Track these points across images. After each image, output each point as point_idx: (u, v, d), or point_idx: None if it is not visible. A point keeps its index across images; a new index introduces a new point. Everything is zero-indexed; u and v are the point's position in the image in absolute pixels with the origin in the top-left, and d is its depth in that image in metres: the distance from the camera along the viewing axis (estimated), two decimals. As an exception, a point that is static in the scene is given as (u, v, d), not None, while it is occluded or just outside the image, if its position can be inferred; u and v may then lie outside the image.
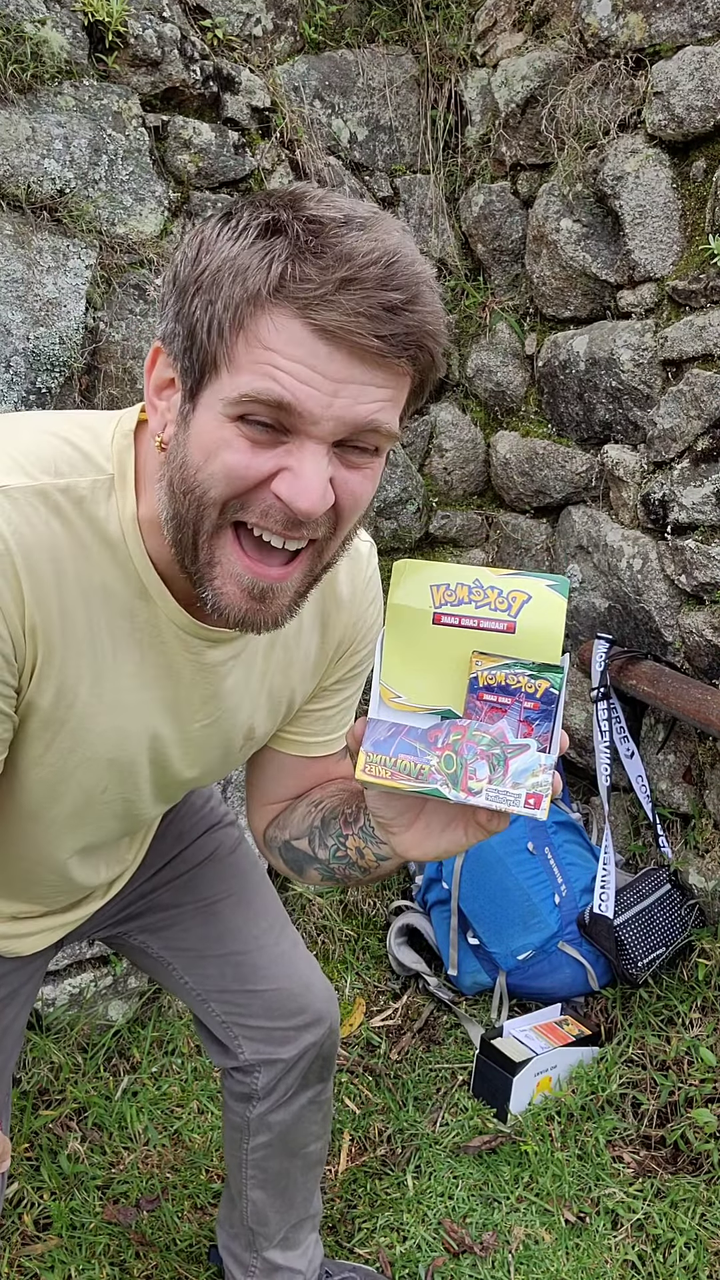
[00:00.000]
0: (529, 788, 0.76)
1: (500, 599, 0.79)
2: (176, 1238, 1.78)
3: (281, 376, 0.76)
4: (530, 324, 2.65)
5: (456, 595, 0.79)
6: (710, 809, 2.26)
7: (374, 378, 0.78)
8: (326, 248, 0.74)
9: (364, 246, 0.74)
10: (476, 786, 0.77)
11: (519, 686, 0.77)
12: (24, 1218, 1.78)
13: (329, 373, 0.76)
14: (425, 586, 0.80)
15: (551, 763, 0.77)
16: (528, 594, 0.78)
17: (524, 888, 2.28)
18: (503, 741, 0.77)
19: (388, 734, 0.80)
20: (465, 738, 0.78)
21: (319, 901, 2.52)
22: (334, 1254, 1.77)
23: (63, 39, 2.00)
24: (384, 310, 0.75)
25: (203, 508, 0.81)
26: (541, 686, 0.77)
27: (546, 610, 0.78)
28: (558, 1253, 1.78)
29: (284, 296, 0.75)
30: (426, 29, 2.65)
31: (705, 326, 2.07)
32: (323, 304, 0.74)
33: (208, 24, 2.30)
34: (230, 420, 0.79)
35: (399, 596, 0.81)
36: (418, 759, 0.79)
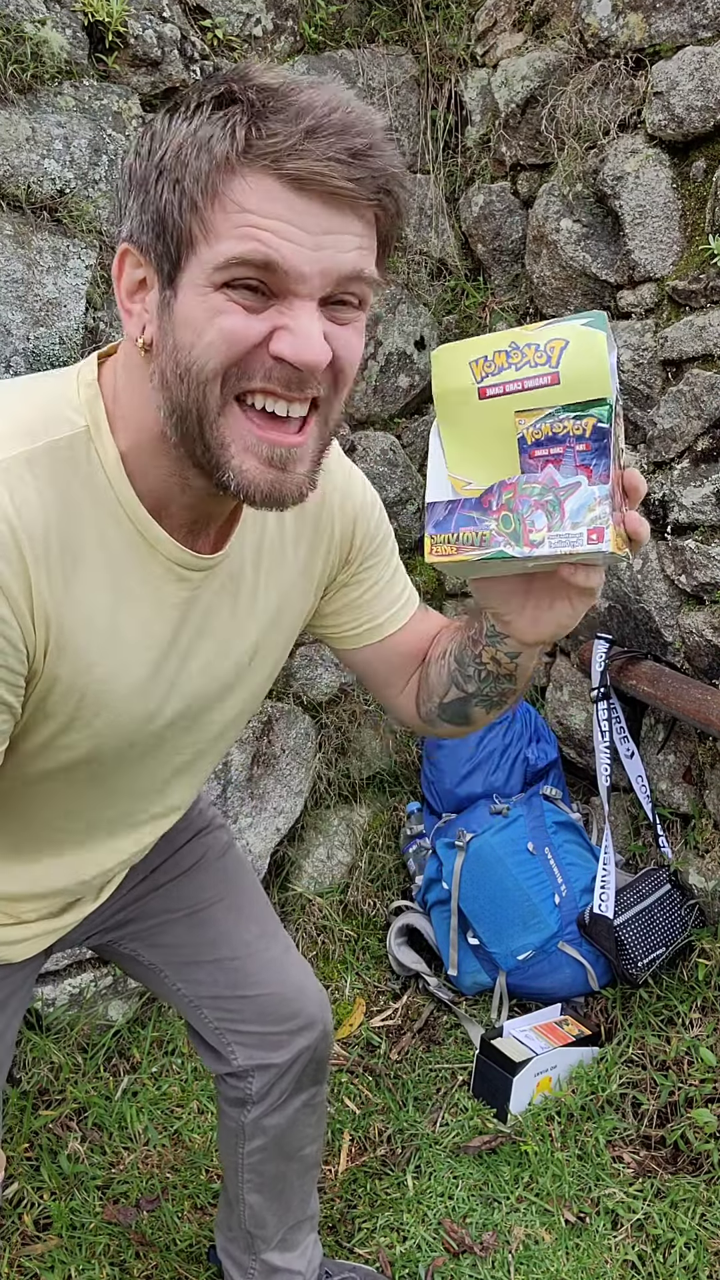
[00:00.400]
0: (588, 523, 0.75)
1: (538, 354, 0.77)
2: (176, 1238, 1.78)
3: (264, 235, 0.76)
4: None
5: (495, 364, 0.78)
6: (710, 809, 2.26)
7: (349, 225, 0.79)
8: (285, 105, 0.75)
9: (320, 98, 0.75)
10: (538, 537, 0.77)
11: (566, 432, 0.76)
12: (24, 1218, 1.78)
13: (309, 226, 0.77)
14: (464, 364, 0.79)
15: (605, 493, 0.75)
16: (564, 339, 0.76)
17: (524, 888, 2.28)
18: (553, 486, 0.76)
19: (445, 513, 0.81)
20: (517, 494, 0.77)
21: (319, 901, 2.52)
22: (334, 1254, 1.77)
23: (63, 39, 2.00)
24: (351, 155, 0.76)
25: (203, 384, 0.80)
26: (589, 424, 0.75)
27: (587, 349, 0.75)
28: (558, 1253, 1.78)
29: (253, 155, 0.75)
30: (426, 29, 2.65)
31: (705, 327, 2.07)
32: (293, 154, 0.74)
33: (208, 24, 2.30)
34: (216, 289, 0.78)
35: (441, 382, 0.80)
36: (477, 527, 0.79)
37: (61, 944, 1.32)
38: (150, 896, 1.36)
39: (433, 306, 2.78)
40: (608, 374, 0.75)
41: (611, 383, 0.76)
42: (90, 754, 0.99)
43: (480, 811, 2.39)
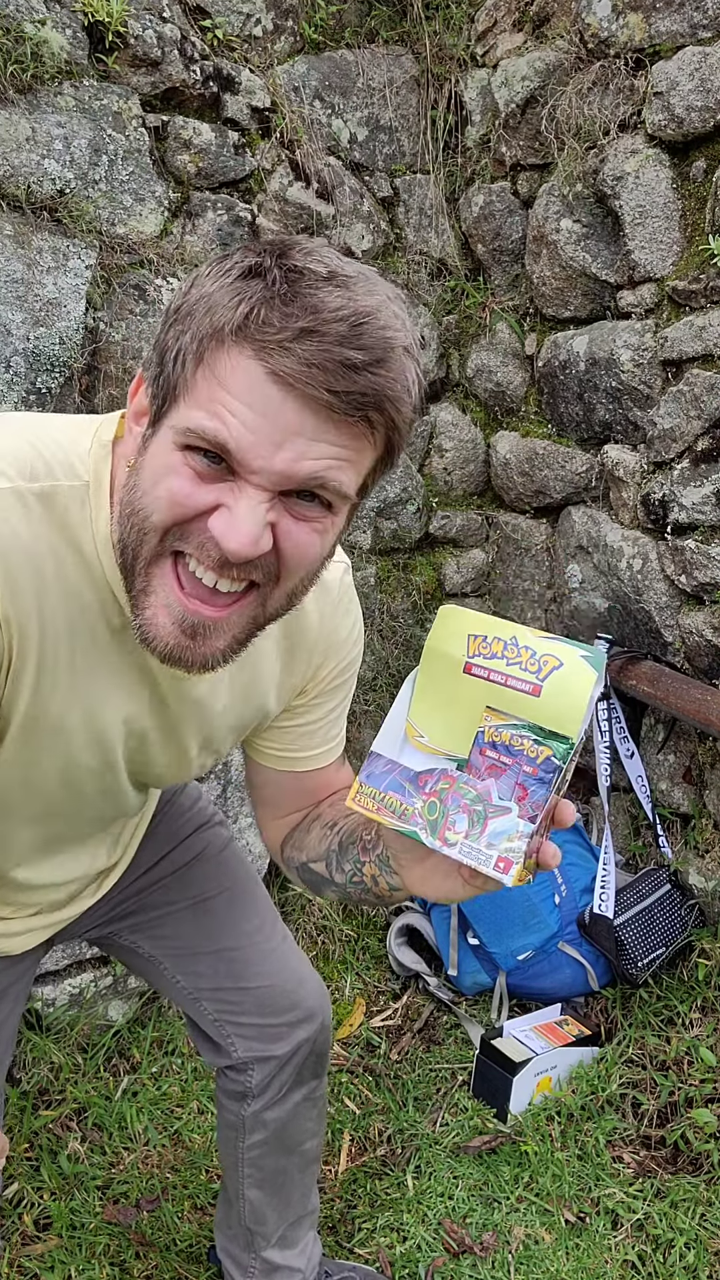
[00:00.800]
0: (502, 851, 0.76)
1: (532, 660, 0.78)
2: (176, 1238, 1.78)
3: (228, 418, 0.76)
4: (530, 324, 2.65)
5: (491, 649, 0.79)
6: (710, 809, 2.26)
7: (326, 434, 0.77)
8: (297, 297, 0.74)
9: (334, 302, 0.74)
10: (453, 838, 0.78)
11: (521, 749, 0.77)
12: (24, 1218, 1.78)
13: (278, 421, 0.76)
14: (463, 635, 0.80)
15: (529, 831, 0.76)
16: (560, 661, 0.77)
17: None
18: (486, 800, 0.78)
19: (383, 769, 0.82)
20: (452, 789, 0.79)
21: (319, 902, 2.52)
22: (334, 1254, 1.77)
23: (63, 39, 2.00)
24: (341, 366, 0.74)
25: (144, 532, 0.81)
26: (544, 754, 0.76)
27: (575, 681, 0.77)
28: (558, 1253, 1.78)
29: (244, 337, 0.75)
30: (426, 29, 2.65)
31: (705, 327, 2.07)
32: (280, 350, 0.74)
33: (208, 24, 2.30)
34: (178, 449, 0.79)
35: (436, 640, 0.81)
36: (404, 799, 0.80)
37: (62, 936, 1.33)
38: (151, 890, 1.37)
39: (433, 306, 2.78)
40: (581, 716, 0.76)
41: (581, 726, 0.77)
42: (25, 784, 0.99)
43: (480, 811, 2.40)
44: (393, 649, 2.77)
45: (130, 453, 0.85)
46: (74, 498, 0.87)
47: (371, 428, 0.79)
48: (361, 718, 2.68)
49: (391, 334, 0.76)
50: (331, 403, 0.75)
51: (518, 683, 0.78)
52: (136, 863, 1.36)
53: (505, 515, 2.80)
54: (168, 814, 1.41)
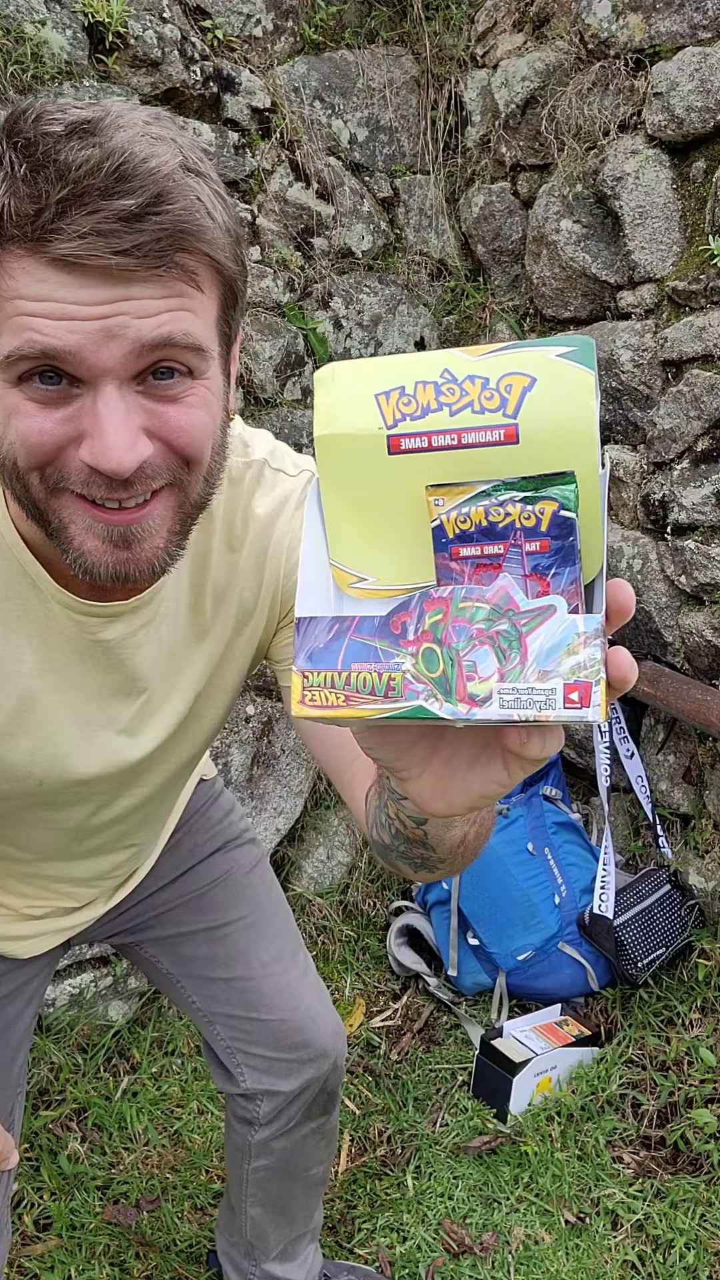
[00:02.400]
0: (566, 674, 0.46)
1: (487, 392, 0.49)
2: (176, 1238, 1.78)
3: (37, 323, 0.67)
4: (530, 324, 2.65)
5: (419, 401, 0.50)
6: (710, 809, 2.26)
7: (142, 291, 0.68)
8: (40, 168, 0.65)
9: (81, 155, 0.64)
10: (481, 690, 0.47)
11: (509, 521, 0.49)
12: (24, 1218, 1.78)
13: (85, 300, 0.67)
14: (368, 398, 0.51)
15: (598, 626, 0.47)
16: (530, 375, 0.49)
17: (524, 888, 2.28)
18: (510, 608, 0.48)
19: (329, 635, 0.50)
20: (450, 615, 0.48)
21: (319, 902, 2.52)
22: (334, 1254, 1.77)
23: (63, 40, 2.00)
24: (120, 222, 0.65)
25: (21, 478, 0.74)
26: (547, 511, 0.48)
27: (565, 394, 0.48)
28: (558, 1253, 1.78)
29: (7, 240, 0.67)
30: (426, 30, 2.65)
31: (705, 327, 2.07)
32: (49, 234, 0.65)
33: (208, 25, 2.31)
34: (12, 385, 0.70)
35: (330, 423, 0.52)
36: (381, 665, 0.49)
37: (80, 939, 1.31)
38: (174, 906, 1.35)
39: (432, 307, 2.78)
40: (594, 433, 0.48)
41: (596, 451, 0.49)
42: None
43: (480, 812, 2.39)
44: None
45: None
46: None
47: (187, 271, 0.69)
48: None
49: (157, 163, 0.66)
50: (127, 264, 0.66)
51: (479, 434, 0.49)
52: (157, 873, 1.33)
53: (505, 515, 2.80)
54: (195, 825, 1.37)
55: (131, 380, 0.70)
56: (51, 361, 0.68)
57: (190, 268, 0.69)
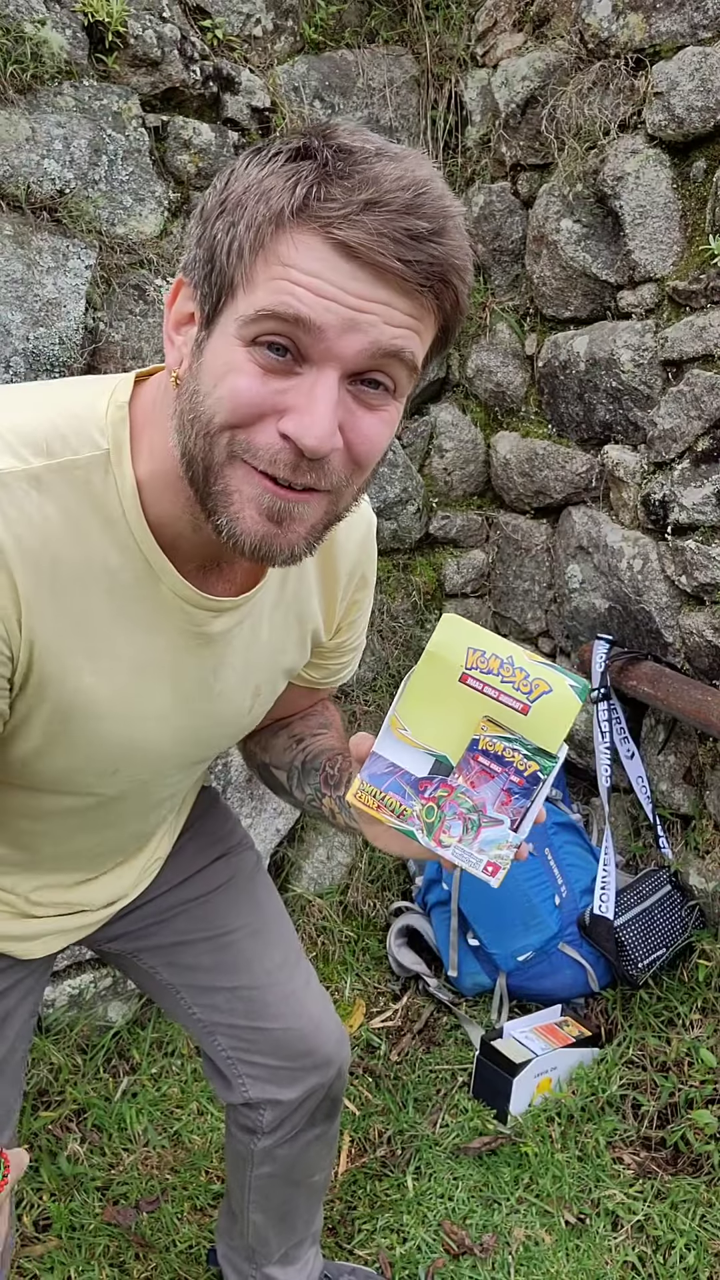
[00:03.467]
0: (491, 857, 0.86)
1: (525, 682, 0.85)
2: (176, 1239, 1.78)
3: (300, 292, 0.73)
4: (530, 324, 2.65)
5: (488, 664, 0.86)
6: (710, 810, 2.25)
7: (398, 303, 0.76)
8: (355, 172, 0.73)
9: (393, 173, 0.73)
10: (447, 841, 0.87)
11: (512, 760, 0.86)
12: (24, 1219, 1.78)
13: (351, 289, 0.74)
14: (463, 646, 0.86)
15: (517, 841, 0.86)
16: (550, 686, 0.85)
17: (524, 889, 2.28)
18: (481, 810, 0.86)
19: (385, 770, 0.88)
20: (450, 797, 0.87)
21: (319, 903, 2.52)
22: (334, 1255, 1.77)
23: (62, 39, 2.00)
24: (408, 236, 0.73)
25: (209, 435, 0.78)
26: (531, 768, 0.85)
27: (561, 706, 0.85)
28: (558, 1254, 1.77)
29: (307, 216, 0.73)
30: (426, 29, 2.65)
31: (705, 327, 2.07)
32: (346, 223, 0.72)
33: (208, 24, 2.30)
34: (243, 344, 0.76)
35: (438, 645, 0.86)
36: (404, 801, 0.87)
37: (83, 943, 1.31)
38: (175, 914, 1.34)
39: (433, 307, 2.78)
40: (564, 735, 0.86)
41: (561, 750, 0.86)
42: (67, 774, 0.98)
43: (480, 812, 2.39)
44: (392, 649, 2.77)
45: (175, 365, 0.83)
46: (95, 467, 0.86)
47: (438, 300, 0.78)
48: (361, 718, 2.68)
49: (449, 204, 0.76)
50: (403, 272, 0.74)
51: (509, 700, 0.85)
52: (163, 879, 1.32)
53: (505, 516, 2.80)
54: (198, 831, 1.37)
55: (348, 377, 0.77)
56: (294, 330, 0.74)
57: (439, 300, 0.78)
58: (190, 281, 0.81)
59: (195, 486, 0.83)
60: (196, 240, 0.80)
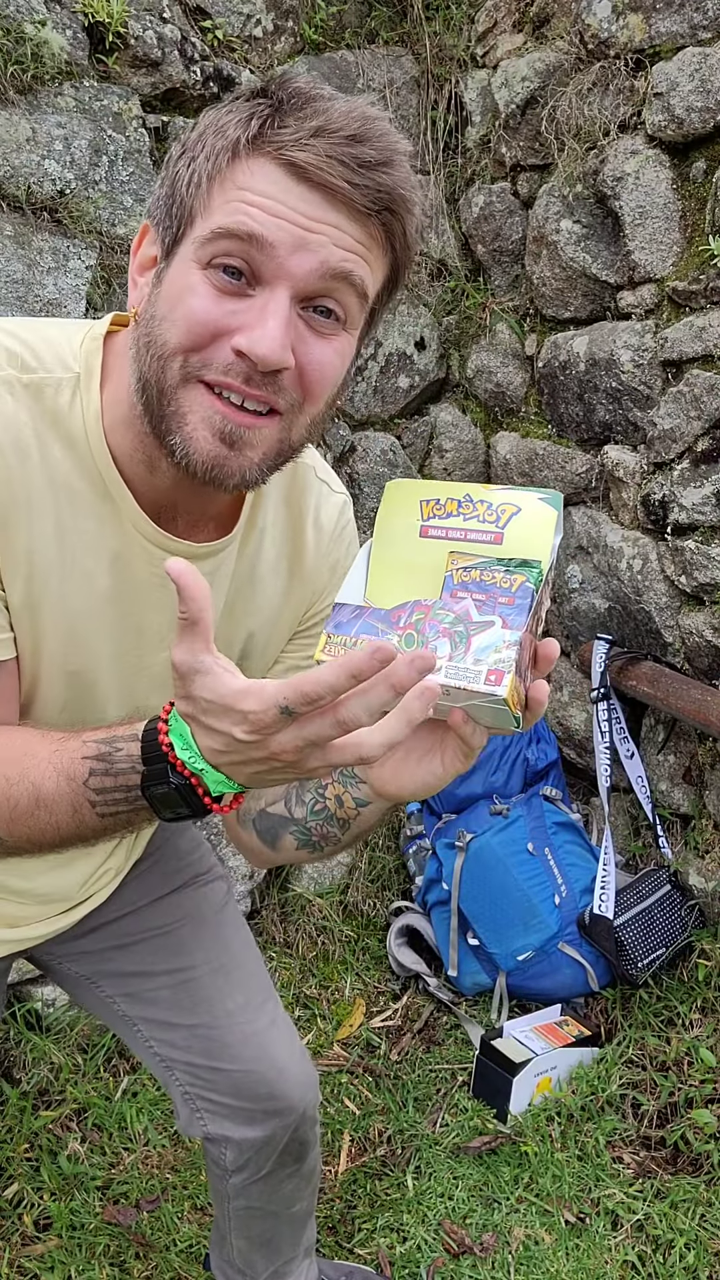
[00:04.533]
0: (491, 663, 0.72)
1: (489, 511, 0.78)
2: (176, 1238, 1.78)
3: (253, 211, 0.77)
4: (530, 325, 2.65)
5: (445, 509, 0.79)
6: (710, 809, 2.26)
7: (347, 226, 0.78)
8: (307, 105, 0.77)
9: (342, 108, 0.77)
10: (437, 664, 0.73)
11: (494, 582, 0.75)
12: (24, 1218, 1.78)
13: (301, 210, 0.77)
14: (414, 501, 0.80)
15: (516, 640, 0.72)
16: (517, 506, 0.77)
17: (524, 888, 2.28)
18: (466, 619, 0.74)
19: (351, 615, 0.77)
20: (428, 616, 0.75)
21: (319, 902, 2.52)
22: (334, 1254, 1.77)
23: (63, 40, 2.00)
24: (356, 162, 0.76)
25: (163, 359, 0.80)
26: (517, 581, 0.74)
27: (536, 522, 0.77)
28: (558, 1253, 1.78)
29: (261, 142, 0.77)
30: (426, 30, 2.65)
31: (705, 327, 2.07)
32: (296, 146, 0.76)
33: (208, 25, 2.31)
34: (199, 267, 0.79)
35: (387, 511, 0.81)
36: (377, 637, 0.75)
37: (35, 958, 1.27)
38: (136, 941, 1.29)
39: (433, 307, 2.78)
40: (549, 546, 0.76)
41: (549, 558, 0.76)
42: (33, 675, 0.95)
43: (480, 812, 2.40)
44: (393, 649, 2.77)
45: (136, 304, 0.85)
46: (64, 388, 0.87)
47: (386, 230, 0.81)
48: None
49: (397, 141, 0.79)
50: (350, 194, 0.77)
51: (478, 535, 0.77)
52: (122, 898, 1.27)
53: (505, 516, 2.80)
54: (164, 854, 1.32)
55: (299, 300, 0.79)
56: (247, 250, 0.77)
57: (387, 230, 0.80)
58: (155, 223, 0.84)
59: (149, 413, 0.84)
60: (160, 182, 0.84)
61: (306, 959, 2.45)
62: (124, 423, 0.88)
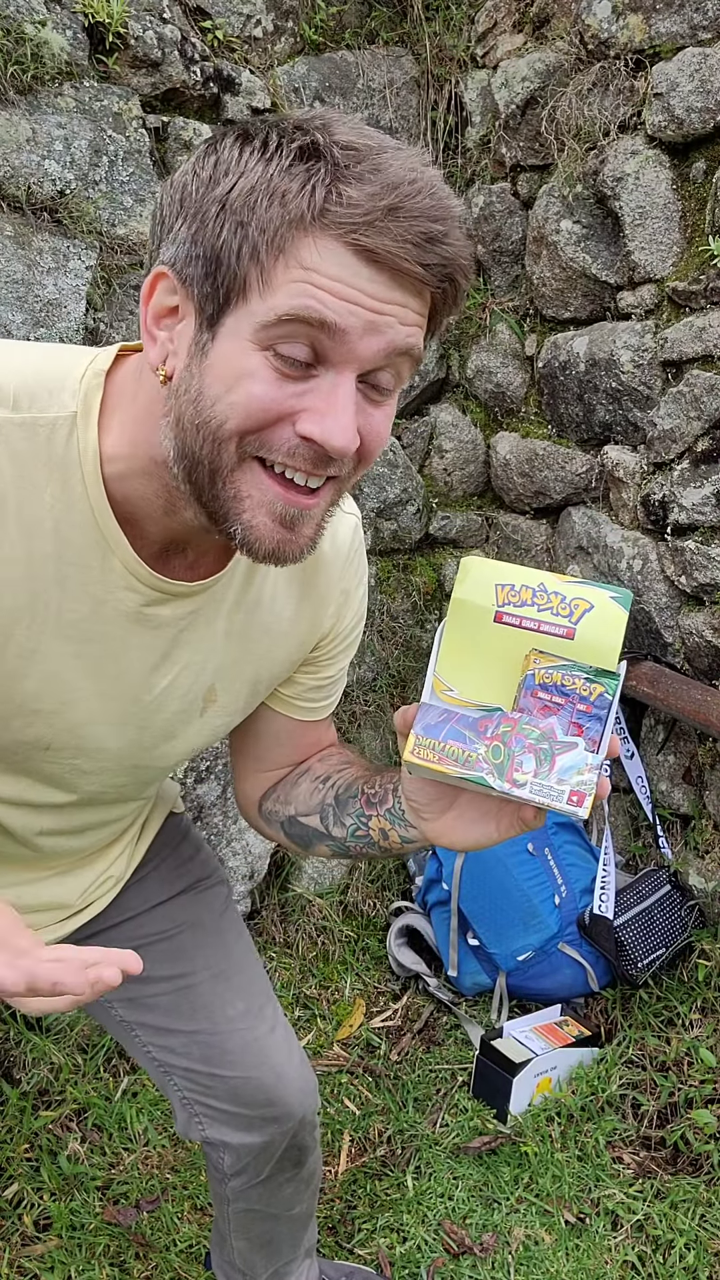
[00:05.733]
0: (574, 785, 0.76)
1: (563, 605, 0.80)
2: (176, 1239, 1.78)
3: (323, 295, 0.74)
4: (530, 325, 2.65)
5: (520, 596, 0.80)
6: (710, 810, 2.26)
7: (411, 303, 0.78)
8: (369, 173, 0.73)
9: (407, 175, 0.74)
10: (521, 779, 0.77)
11: (574, 689, 0.78)
12: (24, 1218, 1.78)
13: (370, 292, 0.75)
14: (490, 585, 0.81)
15: (598, 763, 0.77)
16: (590, 603, 0.79)
17: (524, 889, 2.28)
18: (551, 737, 0.77)
19: (439, 719, 0.80)
20: (515, 730, 0.78)
21: (319, 903, 2.52)
22: (334, 1254, 1.77)
23: (63, 40, 2.00)
24: (427, 240, 0.75)
25: (218, 441, 0.78)
26: (596, 691, 0.78)
27: (607, 621, 0.79)
28: (558, 1254, 1.78)
29: (329, 220, 0.73)
30: (426, 30, 2.65)
31: (705, 328, 2.07)
32: (370, 229, 0.73)
33: (208, 25, 2.31)
34: (259, 349, 0.76)
35: (463, 591, 0.82)
36: (466, 746, 0.79)
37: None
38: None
39: (433, 307, 2.78)
40: (619, 649, 0.79)
41: (621, 664, 0.80)
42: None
43: (480, 812, 2.39)
44: (393, 649, 2.77)
45: (159, 362, 0.81)
46: (59, 428, 0.84)
47: (443, 296, 0.80)
48: (362, 718, 2.68)
49: (453, 201, 0.77)
50: (423, 275, 0.76)
51: (551, 628, 0.79)
52: (124, 905, 1.27)
53: (505, 516, 2.80)
54: (165, 860, 1.32)
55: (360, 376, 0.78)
56: (316, 334, 0.75)
57: (447, 296, 0.80)
58: (180, 277, 0.79)
59: (196, 488, 0.82)
60: (192, 236, 0.77)
61: (306, 959, 2.45)
62: (140, 475, 0.86)
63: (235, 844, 2.38)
